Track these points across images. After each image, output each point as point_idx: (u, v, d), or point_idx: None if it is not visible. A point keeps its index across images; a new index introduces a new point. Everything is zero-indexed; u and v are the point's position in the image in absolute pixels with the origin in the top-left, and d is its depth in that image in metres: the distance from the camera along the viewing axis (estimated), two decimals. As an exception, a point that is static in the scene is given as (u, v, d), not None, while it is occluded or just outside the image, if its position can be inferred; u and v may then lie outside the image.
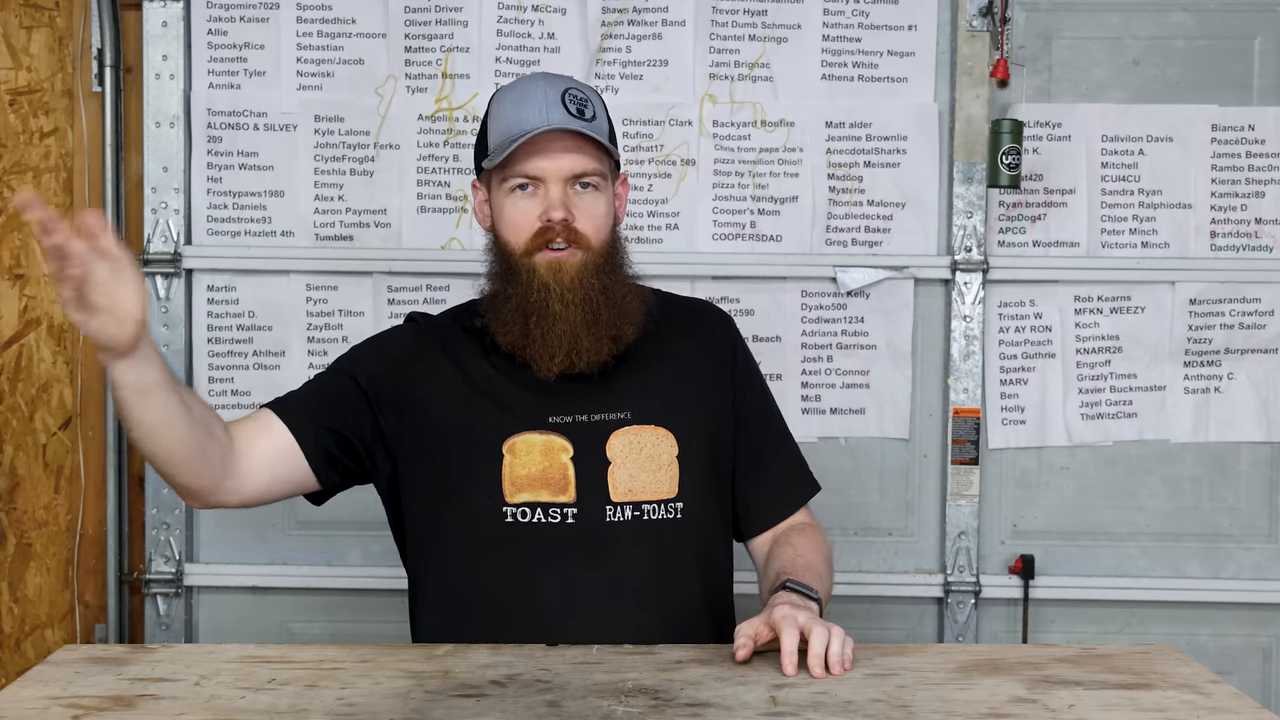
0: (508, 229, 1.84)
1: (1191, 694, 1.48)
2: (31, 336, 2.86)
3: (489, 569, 1.81)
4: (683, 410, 1.88)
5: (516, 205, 1.83)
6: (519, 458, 1.81)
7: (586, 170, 1.83)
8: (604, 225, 1.86)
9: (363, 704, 1.42)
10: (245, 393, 2.83)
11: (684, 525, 1.84)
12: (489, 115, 1.89)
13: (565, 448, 1.82)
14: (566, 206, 1.81)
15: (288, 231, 2.82)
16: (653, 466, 1.84)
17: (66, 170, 2.84)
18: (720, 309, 2.07)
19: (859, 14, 2.81)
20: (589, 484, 1.81)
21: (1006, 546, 2.87)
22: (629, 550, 1.81)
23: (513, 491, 1.80)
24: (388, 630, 2.80)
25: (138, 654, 1.63)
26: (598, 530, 1.80)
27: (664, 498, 1.83)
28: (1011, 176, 2.70)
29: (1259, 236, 2.84)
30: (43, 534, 2.88)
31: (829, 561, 1.89)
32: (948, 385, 2.82)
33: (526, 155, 1.81)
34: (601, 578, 1.79)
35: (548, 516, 1.80)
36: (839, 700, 1.45)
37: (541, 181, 1.81)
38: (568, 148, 1.81)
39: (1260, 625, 2.88)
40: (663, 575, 1.82)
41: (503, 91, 1.91)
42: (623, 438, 1.84)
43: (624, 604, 1.78)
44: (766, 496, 1.95)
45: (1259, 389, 2.85)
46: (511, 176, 1.82)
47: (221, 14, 2.79)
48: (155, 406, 1.66)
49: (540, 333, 1.81)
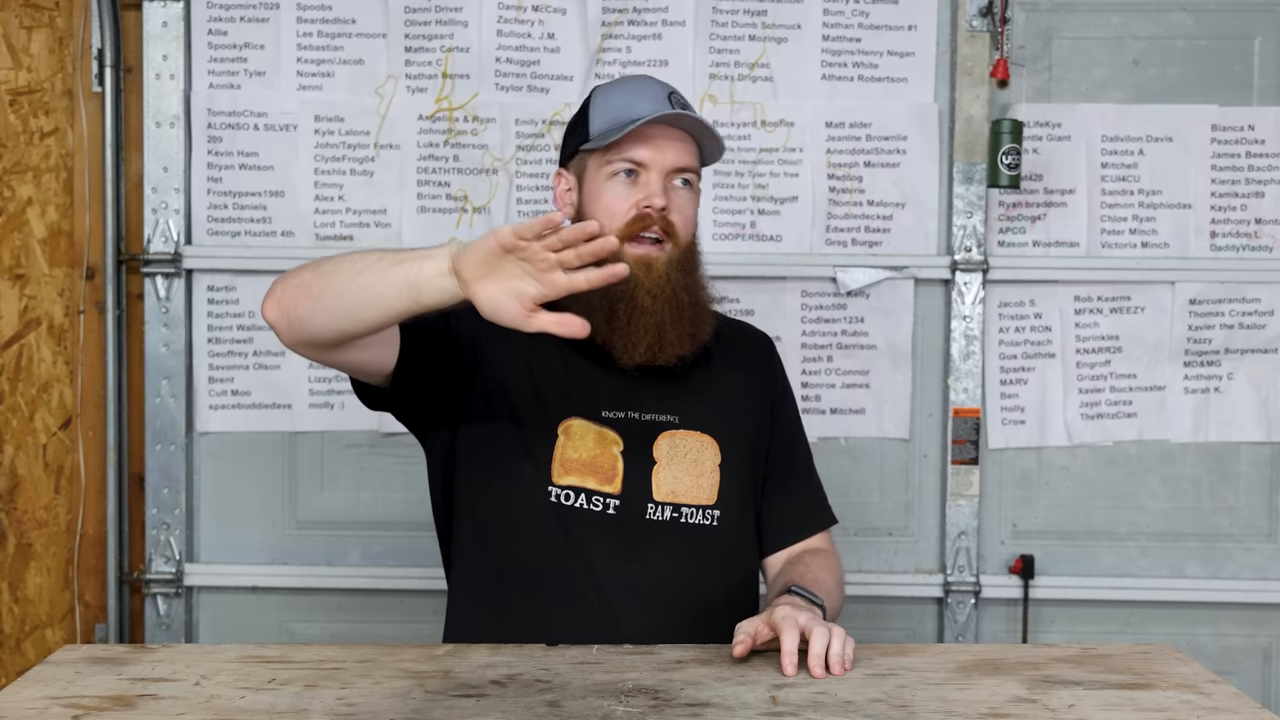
0: (602, 214, 1.84)
1: (1191, 694, 1.48)
2: (31, 336, 2.86)
3: (527, 544, 1.82)
4: (727, 422, 1.90)
5: (615, 190, 1.84)
6: (573, 440, 1.83)
7: (689, 165, 1.86)
8: (693, 223, 1.89)
9: (363, 704, 1.42)
10: (245, 393, 2.83)
11: (719, 532, 1.86)
12: (591, 105, 1.91)
13: (617, 441, 1.84)
14: (666, 196, 1.83)
15: (288, 231, 2.82)
16: (696, 471, 1.86)
17: (66, 170, 2.84)
18: (764, 333, 2.09)
19: (859, 14, 2.81)
20: (635, 479, 1.82)
21: (1006, 546, 2.87)
22: (663, 549, 1.82)
23: (560, 473, 1.81)
24: (388, 630, 2.81)
25: (138, 654, 1.63)
26: (636, 525, 1.82)
27: (703, 503, 1.85)
28: (1011, 176, 2.71)
29: (1259, 236, 2.84)
30: (43, 534, 2.88)
31: (840, 583, 1.91)
32: (948, 385, 2.82)
33: (633, 142, 1.83)
34: (632, 572, 1.80)
35: (590, 503, 1.81)
36: (839, 700, 1.45)
37: (644, 169, 1.83)
38: (673, 142, 1.84)
39: (1260, 625, 2.88)
40: (691, 578, 1.82)
41: (607, 86, 1.94)
42: (669, 440, 1.86)
43: (649, 600, 1.79)
44: (786, 518, 1.97)
45: (1259, 389, 2.85)
46: (616, 160, 1.84)
47: (221, 14, 2.80)
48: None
49: (626, 321, 1.82)
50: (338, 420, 2.83)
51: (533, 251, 1.49)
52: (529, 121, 2.81)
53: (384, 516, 2.84)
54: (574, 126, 1.93)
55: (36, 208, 2.85)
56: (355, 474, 2.84)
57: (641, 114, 1.82)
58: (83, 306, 2.84)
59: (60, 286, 2.86)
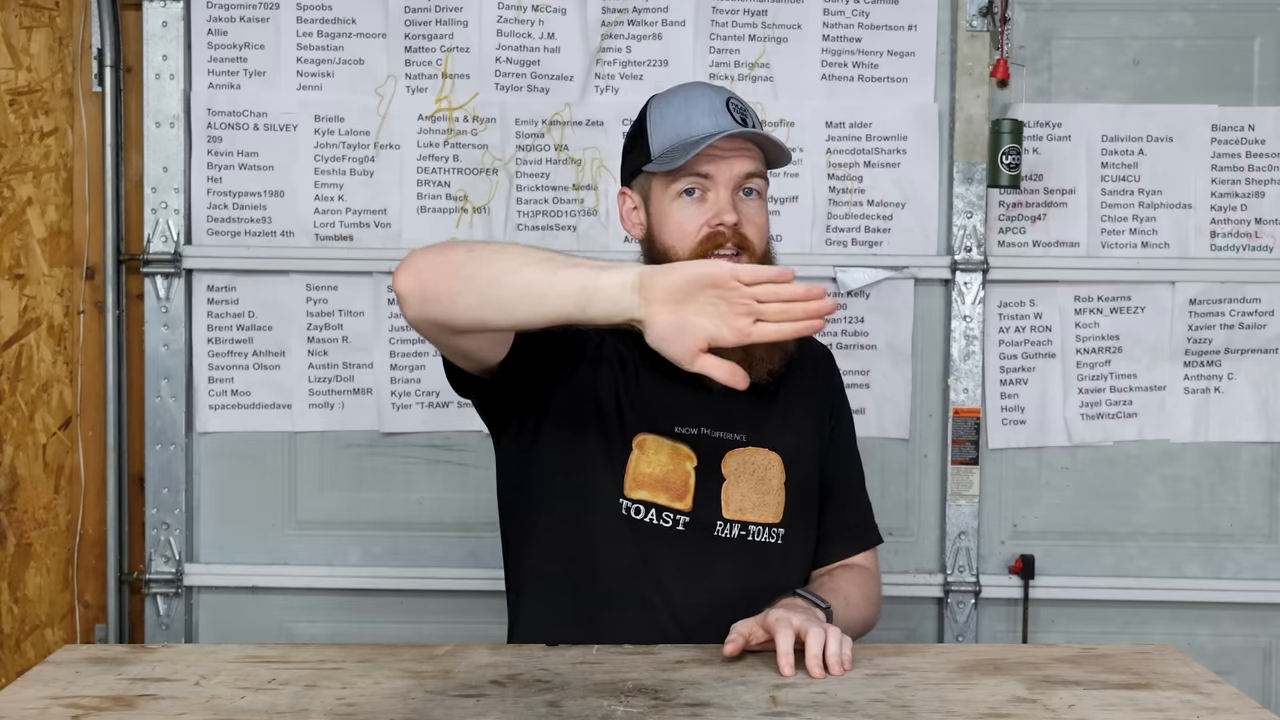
0: (673, 235, 1.83)
1: (1191, 694, 1.48)
2: (31, 336, 2.86)
3: (600, 554, 1.81)
4: (792, 439, 1.90)
5: (684, 211, 1.83)
6: (647, 455, 1.82)
7: (756, 171, 1.84)
8: (767, 232, 1.87)
9: (363, 704, 1.42)
10: (245, 393, 2.83)
11: (783, 550, 1.87)
12: (648, 121, 1.89)
13: (691, 457, 1.83)
14: (737, 210, 1.82)
15: (288, 231, 2.82)
16: (763, 489, 1.86)
17: (66, 170, 2.84)
18: (825, 346, 2.08)
19: (859, 14, 2.81)
20: (705, 496, 1.82)
21: (1006, 546, 2.87)
22: (730, 566, 1.82)
23: (632, 487, 1.81)
24: (388, 630, 2.81)
25: (138, 654, 1.63)
26: (705, 542, 1.82)
27: (769, 521, 1.86)
28: (1011, 176, 2.70)
29: (1259, 236, 2.84)
30: (43, 534, 2.88)
31: (869, 599, 1.92)
32: (948, 385, 2.82)
33: (696, 157, 1.81)
34: (700, 588, 1.80)
35: (660, 519, 1.81)
36: (839, 700, 1.45)
37: (711, 183, 1.82)
38: (737, 151, 1.82)
39: (1260, 625, 2.88)
40: (756, 596, 1.79)
41: (662, 98, 1.91)
42: (738, 457, 1.86)
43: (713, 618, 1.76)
44: (830, 534, 1.97)
45: (1259, 389, 2.85)
46: (681, 178, 1.82)
47: (221, 14, 2.80)
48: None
49: None
50: (338, 420, 2.83)
51: (740, 294, 1.45)
52: (529, 121, 2.81)
53: (384, 516, 2.84)
54: (632, 143, 1.91)
55: (36, 208, 2.85)
56: (355, 474, 2.84)
57: (702, 129, 1.80)
58: (83, 306, 2.84)
59: (60, 286, 2.86)
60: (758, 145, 1.85)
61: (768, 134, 1.85)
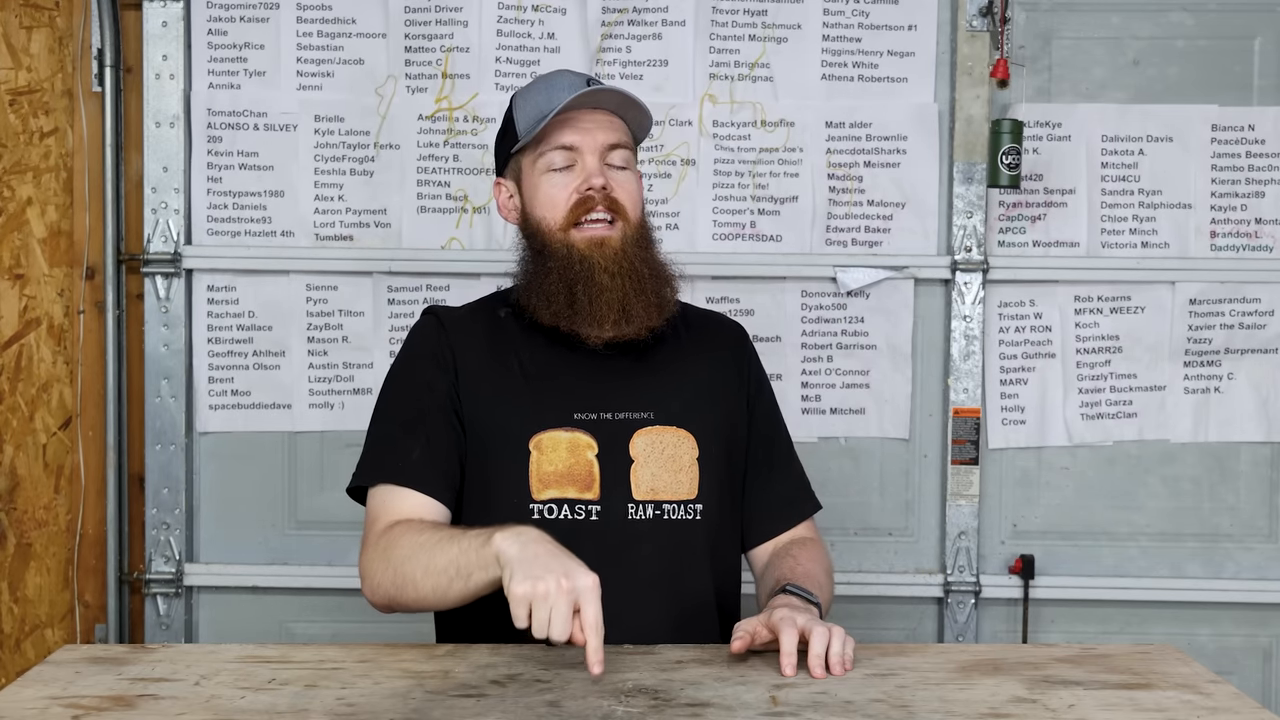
0: (543, 207, 1.85)
1: (1191, 694, 1.48)
2: (31, 336, 2.86)
3: None
4: (703, 415, 1.89)
5: (553, 182, 1.85)
6: (545, 454, 1.82)
7: (620, 140, 1.86)
8: (639, 201, 1.89)
9: (363, 704, 1.42)
10: (245, 393, 2.83)
11: (702, 526, 1.86)
12: (514, 109, 1.91)
13: (590, 445, 1.83)
14: (605, 177, 1.83)
15: (288, 231, 2.82)
16: (674, 467, 1.85)
17: (66, 170, 2.84)
18: (735, 321, 2.08)
19: (859, 14, 2.81)
20: (613, 481, 1.82)
21: (1006, 546, 2.87)
22: (649, 547, 1.82)
23: (539, 488, 1.81)
24: (388, 630, 2.80)
25: (138, 654, 1.63)
26: (619, 527, 1.81)
27: (684, 498, 1.85)
28: (1011, 176, 2.70)
29: (1259, 236, 2.84)
30: (43, 534, 2.88)
31: (829, 573, 1.90)
32: (948, 385, 2.82)
33: (560, 130, 1.83)
34: (620, 574, 1.79)
35: (573, 513, 1.81)
36: (839, 700, 1.45)
37: (578, 155, 1.84)
38: (600, 123, 1.85)
39: (1260, 625, 2.88)
40: (678, 574, 1.83)
41: (525, 88, 1.93)
42: (645, 437, 1.85)
43: (639, 600, 1.78)
44: (770, 508, 1.96)
45: (1259, 389, 2.85)
46: (547, 152, 1.84)
47: (221, 14, 2.80)
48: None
49: (587, 300, 1.81)
50: (338, 420, 2.83)
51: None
52: (529, 121, 2.81)
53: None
54: (502, 135, 1.94)
55: (36, 208, 2.85)
56: (355, 474, 2.84)
57: (562, 101, 1.82)
58: (83, 306, 2.84)
59: (60, 286, 2.86)
60: (622, 119, 1.87)
61: (623, 90, 1.86)
